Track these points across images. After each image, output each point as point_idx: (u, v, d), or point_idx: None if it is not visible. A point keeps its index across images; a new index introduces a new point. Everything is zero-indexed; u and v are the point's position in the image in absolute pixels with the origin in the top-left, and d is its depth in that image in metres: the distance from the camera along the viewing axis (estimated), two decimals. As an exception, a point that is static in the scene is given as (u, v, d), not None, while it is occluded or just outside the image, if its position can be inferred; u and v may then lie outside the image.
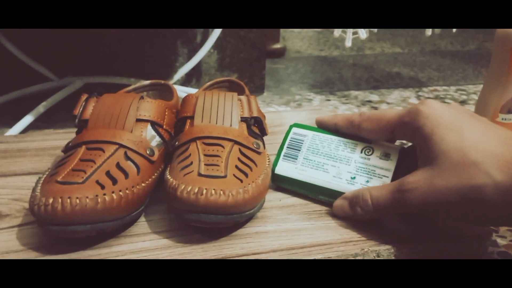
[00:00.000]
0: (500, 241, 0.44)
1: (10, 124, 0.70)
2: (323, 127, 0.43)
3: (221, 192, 0.32)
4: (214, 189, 0.32)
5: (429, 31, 0.74)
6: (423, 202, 0.32)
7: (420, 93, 0.96)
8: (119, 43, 0.85)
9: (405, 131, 0.36)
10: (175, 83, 0.89)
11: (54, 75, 0.78)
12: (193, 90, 0.86)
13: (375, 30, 0.73)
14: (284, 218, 0.39)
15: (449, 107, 0.34)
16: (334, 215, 0.39)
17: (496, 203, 0.29)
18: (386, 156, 0.39)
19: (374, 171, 0.39)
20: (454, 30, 0.79)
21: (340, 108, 0.84)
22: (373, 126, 0.38)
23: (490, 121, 0.34)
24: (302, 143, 0.42)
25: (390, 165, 0.39)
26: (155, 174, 0.39)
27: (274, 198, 0.42)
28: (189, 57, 0.89)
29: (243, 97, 0.43)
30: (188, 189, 0.32)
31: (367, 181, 0.39)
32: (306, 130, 0.43)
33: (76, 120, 0.41)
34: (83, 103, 0.42)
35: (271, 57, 1.28)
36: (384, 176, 0.39)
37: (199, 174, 0.34)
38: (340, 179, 0.40)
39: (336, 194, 0.39)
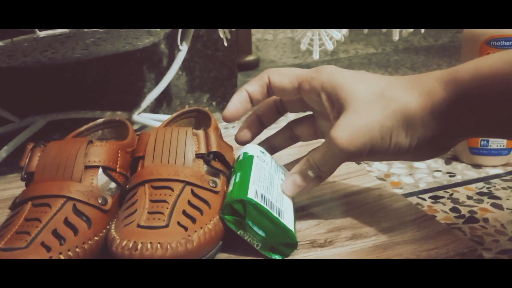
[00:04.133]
0: (486, 255, 0.42)
1: (-28, 173, 0.67)
2: (236, 114, 0.41)
3: (158, 246, 0.30)
4: (150, 243, 0.30)
5: (396, 35, 0.72)
6: (356, 143, 0.34)
7: (395, 95, 0.94)
8: (83, 75, 0.82)
9: (312, 83, 0.37)
10: (144, 111, 0.87)
11: (14, 116, 0.75)
12: (164, 117, 0.83)
13: (342, 39, 0.71)
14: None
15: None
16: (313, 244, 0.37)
17: (416, 119, 0.33)
18: None
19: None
20: (422, 30, 0.78)
21: (315, 119, 0.82)
22: (282, 78, 0.39)
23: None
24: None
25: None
26: (111, 223, 0.37)
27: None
28: (157, 82, 0.87)
29: (199, 132, 0.40)
30: (123, 244, 0.30)
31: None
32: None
33: (23, 173, 0.39)
34: (29, 154, 0.39)
35: (244, 70, 1.26)
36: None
37: (138, 225, 0.31)
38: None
39: None
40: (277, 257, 0.36)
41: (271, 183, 0.39)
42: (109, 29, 0.52)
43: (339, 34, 0.70)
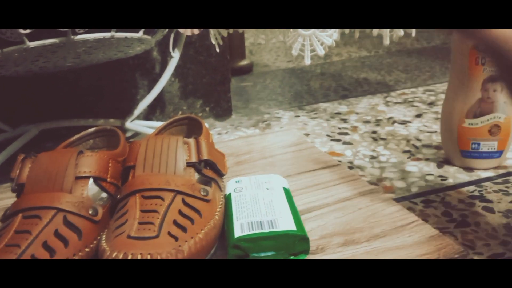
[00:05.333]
0: (478, 258, 0.42)
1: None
2: None
3: (148, 257, 0.30)
4: (140, 254, 0.30)
5: (387, 40, 0.73)
6: None
7: (388, 99, 0.94)
8: (75, 83, 0.82)
9: None
10: (137, 117, 0.87)
11: (7, 125, 0.75)
12: (157, 124, 0.83)
13: (334, 44, 0.71)
14: None
15: None
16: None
17: None
18: None
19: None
20: (413, 34, 0.78)
21: (309, 124, 0.82)
22: None
23: None
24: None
25: None
26: (101, 234, 0.36)
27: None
28: (150, 89, 0.87)
29: (190, 140, 0.40)
30: (113, 256, 0.30)
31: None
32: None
33: (13, 184, 0.38)
34: (20, 165, 0.39)
35: (238, 75, 1.26)
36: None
37: (128, 236, 0.31)
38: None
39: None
40: (303, 257, 0.37)
41: (255, 202, 0.39)
42: (99, 38, 0.52)
43: (330, 39, 0.70)
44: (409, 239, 0.39)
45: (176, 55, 0.80)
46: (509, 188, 0.54)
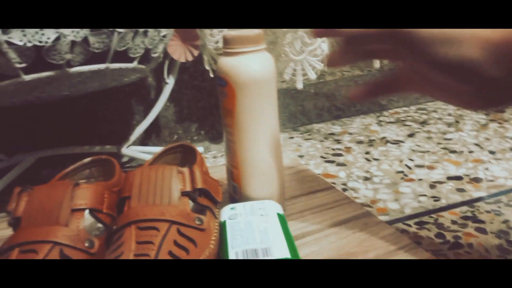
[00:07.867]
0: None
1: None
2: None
3: None
4: None
5: (377, 63, 0.74)
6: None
7: (381, 118, 0.96)
8: (71, 110, 0.83)
9: None
10: (134, 142, 0.87)
11: (3, 154, 0.75)
12: (152, 149, 0.84)
13: (326, 69, 0.72)
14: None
15: None
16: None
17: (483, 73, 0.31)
18: None
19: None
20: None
21: (303, 146, 0.83)
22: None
23: None
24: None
25: None
26: (98, 266, 0.37)
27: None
28: (146, 114, 0.88)
29: (184, 169, 0.41)
30: None
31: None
32: None
33: (10, 218, 0.39)
34: (16, 198, 0.39)
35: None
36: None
37: None
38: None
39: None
40: None
41: (250, 230, 0.40)
42: (94, 69, 0.53)
43: (321, 64, 0.71)
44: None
45: (171, 81, 0.81)
46: (501, 208, 0.54)
